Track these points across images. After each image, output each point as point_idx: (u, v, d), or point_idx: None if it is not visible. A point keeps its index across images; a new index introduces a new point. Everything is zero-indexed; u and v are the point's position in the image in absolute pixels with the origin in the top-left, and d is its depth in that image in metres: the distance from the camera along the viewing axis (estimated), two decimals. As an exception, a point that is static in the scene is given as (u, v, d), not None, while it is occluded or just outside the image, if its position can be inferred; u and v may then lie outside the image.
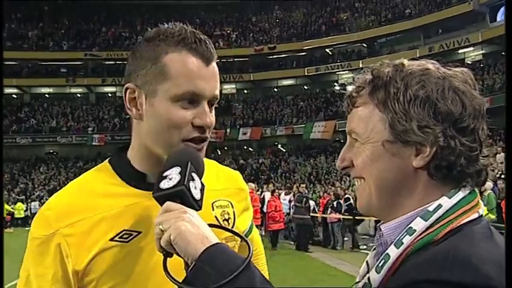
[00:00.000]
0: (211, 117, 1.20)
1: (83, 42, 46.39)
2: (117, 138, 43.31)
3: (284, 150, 41.73)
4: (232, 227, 1.32)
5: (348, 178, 28.11)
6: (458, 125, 0.96)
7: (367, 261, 1.10)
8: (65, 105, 46.09)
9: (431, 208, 0.96)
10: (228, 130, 41.44)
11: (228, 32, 47.57)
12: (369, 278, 0.99)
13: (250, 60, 44.99)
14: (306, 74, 42.26)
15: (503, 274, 0.86)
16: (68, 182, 1.38)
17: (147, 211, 1.21)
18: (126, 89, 1.22)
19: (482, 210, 1.00)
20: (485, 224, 0.97)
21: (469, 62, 36.57)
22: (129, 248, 1.18)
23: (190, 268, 0.97)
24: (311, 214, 16.71)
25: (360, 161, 1.03)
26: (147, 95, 1.19)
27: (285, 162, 39.54)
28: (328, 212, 16.37)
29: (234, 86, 46.78)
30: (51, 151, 44.38)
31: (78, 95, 48.43)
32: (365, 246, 15.58)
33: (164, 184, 1.05)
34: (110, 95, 48.38)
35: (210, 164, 1.40)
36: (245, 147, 41.54)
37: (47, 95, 46.97)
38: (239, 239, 1.29)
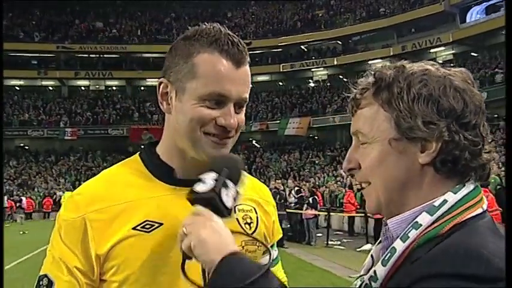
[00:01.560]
0: (235, 119, 1.22)
1: (55, 34, 45.52)
2: (90, 133, 42.78)
3: (259, 146, 41.86)
4: (254, 231, 1.35)
5: (322, 174, 28.41)
6: (460, 120, 0.99)
7: (371, 255, 1.12)
8: (36, 98, 45.20)
9: (436, 203, 0.98)
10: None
11: (204, 26, 47.33)
12: (374, 271, 1.01)
13: (226, 56, 44.83)
14: (281, 70, 42.43)
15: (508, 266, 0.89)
16: (38, 176, 1.40)
17: (171, 205, 1.24)
18: (160, 83, 1.26)
19: (486, 205, 1.02)
20: (489, 220, 1.00)
21: (440, 62, 36.98)
22: (150, 238, 1.21)
23: (208, 277, 1.01)
24: (287, 210, 16.83)
25: (368, 162, 1.05)
26: (177, 91, 1.23)
27: (260, 158, 39.67)
28: (304, 208, 16.51)
29: (209, 81, 46.66)
30: (22, 145, 43.49)
31: (50, 88, 47.55)
32: (339, 242, 15.81)
33: (198, 187, 1.09)
34: (83, 88, 47.68)
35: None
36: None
37: (17, 88, 45.95)
38: (260, 245, 1.33)
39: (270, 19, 46.54)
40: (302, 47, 43.80)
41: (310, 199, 16.41)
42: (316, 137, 40.70)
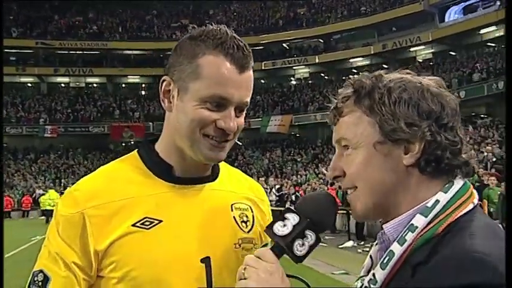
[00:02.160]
0: (235, 122, 1.23)
1: (33, 30, 44.84)
2: (71, 130, 42.30)
3: (241, 144, 41.89)
4: (250, 229, 1.36)
5: (304, 172, 28.58)
6: (440, 121, 1.03)
7: (370, 256, 1.15)
8: (14, 95, 44.47)
9: (429, 204, 1.01)
10: (185, 123, 41.16)
11: (185, 24, 47.12)
12: (373, 274, 1.03)
13: (207, 53, 44.75)
14: (263, 68, 42.46)
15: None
16: (17, 175, 1.41)
17: (170, 202, 1.26)
18: (163, 80, 1.27)
19: (477, 200, 1.05)
20: (483, 216, 1.03)
21: (420, 60, 37.80)
22: (149, 235, 1.22)
23: None
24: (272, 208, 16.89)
25: (353, 168, 1.07)
26: (180, 90, 1.23)
27: (242, 156, 39.72)
28: (287, 206, 16.61)
29: (190, 78, 46.50)
30: (0, 142, 42.75)
31: (29, 85, 46.84)
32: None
33: (276, 227, 1.08)
34: (63, 85, 47.07)
35: (233, 170, 1.47)
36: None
37: (-5, 84, 45.13)
38: (257, 242, 1.36)
39: (251, 17, 46.56)
40: (284, 45, 43.93)
41: (293, 196, 16.50)
42: (297, 135, 40.89)
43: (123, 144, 42.69)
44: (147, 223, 1.22)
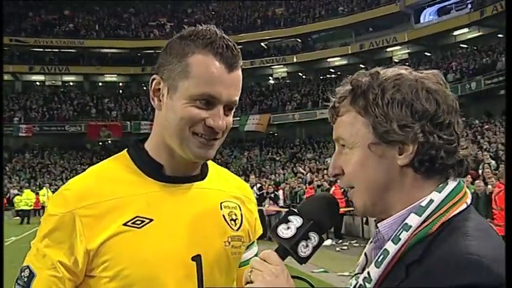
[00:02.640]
0: (224, 121, 1.25)
1: (8, 27, 43.98)
2: (46, 129, 41.63)
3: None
4: (239, 227, 1.38)
5: (282, 171, 28.72)
6: (434, 121, 1.03)
7: (365, 253, 1.17)
8: (-13, 93, 43.56)
9: (423, 203, 1.02)
10: (163, 122, 40.93)
11: (163, 22, 46.86)
12: (368, 273, 1.04)
13: (186, 52, 44.62)
14: (241, 67, 42.45)
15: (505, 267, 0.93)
16: None
17: (161, 201, 1.27)
18: (153, 79, 1.29)
19: (470, 199, 1.06)
20: (476, 217, 1.04)
21: (396, 60, 38.30)
22: (140, 234, 1.22)
23: None
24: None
25: (350, 167, 1.08)
26: (169, 89, 1.25)
27: (220, 155, 39.69)
28: (266, 204, 16.64)
29: (168, 77, 46.26)
30: (-27, 142, 41.87)
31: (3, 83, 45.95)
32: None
33: (280, 230, 1.09)
34: (38, 83, 46.30)
35: (221, 170, 1.49)
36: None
37: (-33, 82, 44.20)
38: (246, 240, 1.39)
39: (230, 16, 46.53)
40: (262, 44, 44.02)
41: (272, 195, 16.55)
42: (276, 134, 41.05)
43: (100, 143, 42.25)
44: (138, 222, 1.23)
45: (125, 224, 1.23)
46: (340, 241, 14.92)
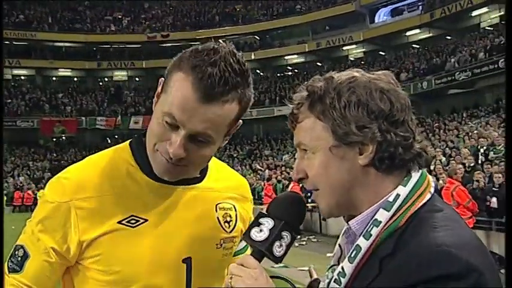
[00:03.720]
0: (181, 150, 1.17)
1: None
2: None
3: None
4: (233, 229, 1.39)
5: (241, 168, 28.89)
6: (390, 119, 1.06)
7: (339, 245, 1.20)
8: None
9: (390, 198, 1.05)
10: (119, 118, 40.30)
11: (120, 17, 46.02)
12: (342, 268, 1.07)
13: (143, 48, 44.07)
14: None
15: (478, 254, 0.97)
16: None
17: (156, 202, 1.27)
18: (160, 83, 1.25)
19: (433, 188, 1.10)
20: (441, 206, 1.07)
21: (352, 59, 39.15)
22: (134, 233, 1.23)
23: None
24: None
25: (314, 171, 1.11)
26: (159, 97, 1.23)
27: (178, 151, 39.37)
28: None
29: (125, 73, 45.51)
30: None
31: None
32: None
33: (253, 233, 1.11)
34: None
35: (222, 167, 1.47)
36: (136, 136, 40.37)
37: None
38: (236, 241, 1.40)
39: (187, 12, 46.16)
40: (220, 40, 43.48)
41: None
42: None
43: (54, 139, 41.15)
44: (132, 221, 1.24)
45: (119, 222, 1.24)
46: (299, 237, 15.10)
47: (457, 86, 26.53)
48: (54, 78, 46.01)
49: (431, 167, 13.98)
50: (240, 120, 1.27)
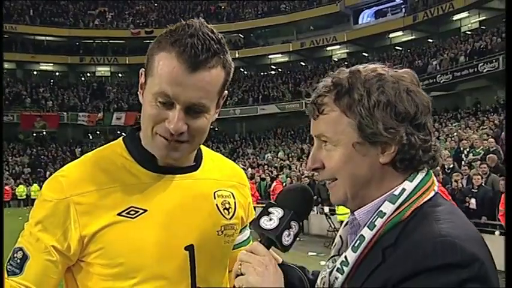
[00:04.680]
0: (183, 124, 1.20)
1: None
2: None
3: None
4: (232, 216, 1.41)
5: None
6: (414, 122, 1.08)
7: (340, 236, 1.22)
8: None
9: (396, 192, 1.08)
10: (101, 114, 39.94)
11: (104, 11, 45.57)
12: (345, 257, 1.09)
13: (126, 44, 43.74)
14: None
15: (479, 245, 1.01)
16: None
17: (155, 192, 1.29)
18: (141, 74, 1.27)
19: (437, 187, 1.13)
20: (444, 202, 1.10)
21: (336, 59, 39.47)
22: (134, 224, 1.24)
23: None
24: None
25: (334, 163, 1.12)
26: (145, 84, 1.25)
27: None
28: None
29: (108, 69, 45.15)
30: None
31: None
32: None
33: (263, 222, 1.14)
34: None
35: (215, 157, 1.49)
36: (118, 132, 40.12)
37: None
38: (239, 227, 1.43)
39: (172, 9, 45.94)
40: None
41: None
42: (216, 129, 41.09)
43: (35, 134, 40.61)
44: (132, 212, 1.25)
45: (119, 214, 1.25)
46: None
47: (439, 89, 26.93)
48: (35, 72, 45.42)
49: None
50: (226, 91, 1.31)
